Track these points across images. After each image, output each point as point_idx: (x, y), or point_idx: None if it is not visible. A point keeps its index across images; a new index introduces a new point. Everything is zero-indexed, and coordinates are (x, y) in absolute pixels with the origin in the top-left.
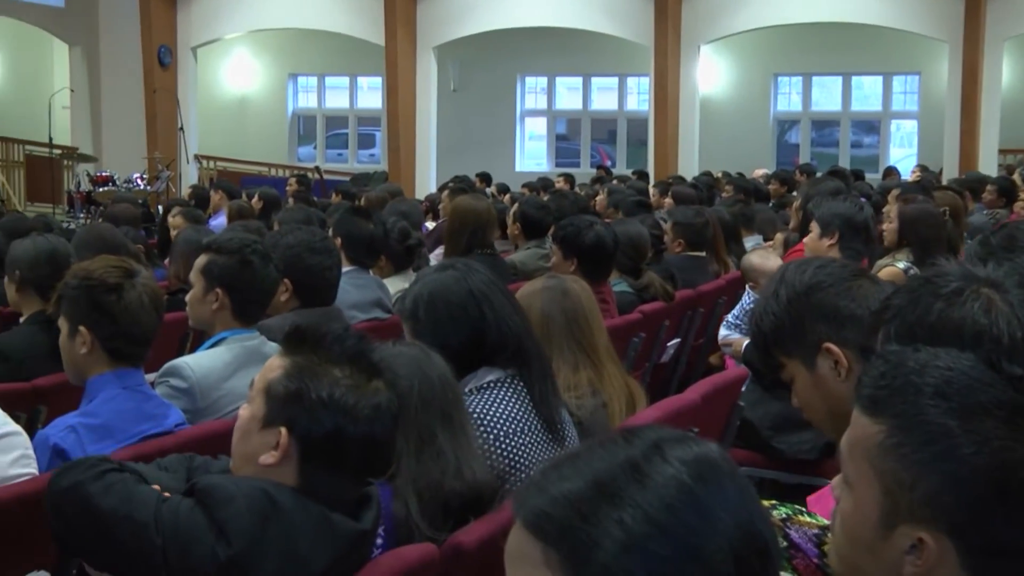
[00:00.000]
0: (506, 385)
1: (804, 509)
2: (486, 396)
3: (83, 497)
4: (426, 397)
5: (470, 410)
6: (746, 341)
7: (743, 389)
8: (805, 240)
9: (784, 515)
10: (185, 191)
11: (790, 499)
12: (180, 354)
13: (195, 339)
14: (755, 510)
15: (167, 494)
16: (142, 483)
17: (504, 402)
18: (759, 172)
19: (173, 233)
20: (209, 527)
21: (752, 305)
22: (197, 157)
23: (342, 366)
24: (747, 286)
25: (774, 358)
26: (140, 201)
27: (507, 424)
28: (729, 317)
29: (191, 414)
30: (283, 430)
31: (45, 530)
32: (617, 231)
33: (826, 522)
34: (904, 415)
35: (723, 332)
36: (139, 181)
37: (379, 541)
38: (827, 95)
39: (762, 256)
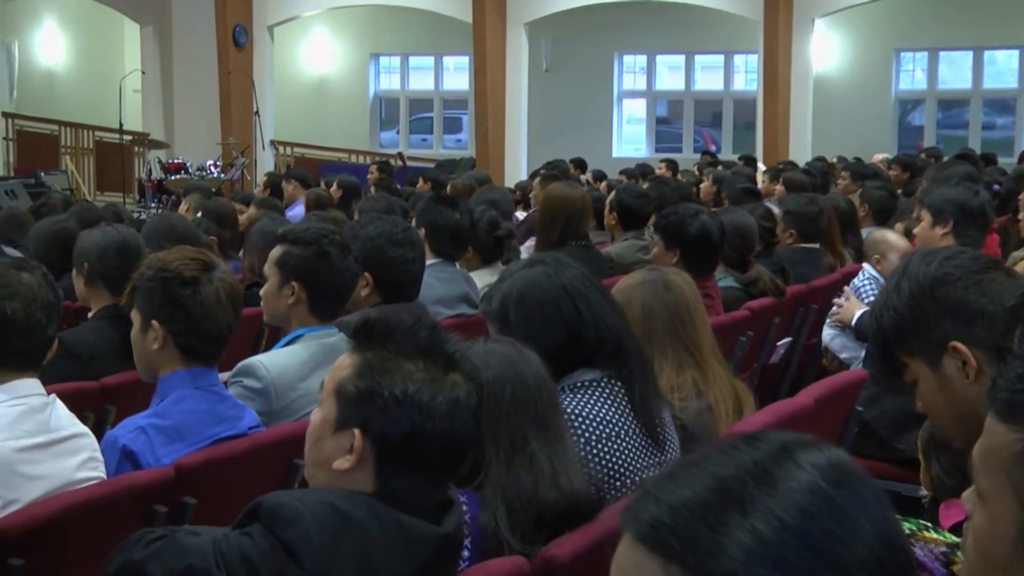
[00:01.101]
0: (602, 386)
1: (930, 525)
2: (579, 396)
3: (135, 572)
4: (519, 399)
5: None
6: (859, 309)
7: None
8: (916, 230)
9: (908, 531)
10: (260, 179)
11: (911, 513)
12: (254, 352)
13: (270, 336)
14: (893, 520)
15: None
16: (194, 536)
17: (599, 404)
18: (878, 157)
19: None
20: (277, 550)
21: (863, 284)
22: (274, 143)
23: (415, 360)
24: (864, 265)
25: (895, 358)
26: (214, 190)
27: (602, 427)
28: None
29: (266, 416)
30: (357, 432)
31: (114, 536)
32: (724, 221)
33: (955, 539)
34: None
35: (827, 332)
36: (212, 168)
37: (465, 553)
38: (955, 72)
39: (888, 232)
